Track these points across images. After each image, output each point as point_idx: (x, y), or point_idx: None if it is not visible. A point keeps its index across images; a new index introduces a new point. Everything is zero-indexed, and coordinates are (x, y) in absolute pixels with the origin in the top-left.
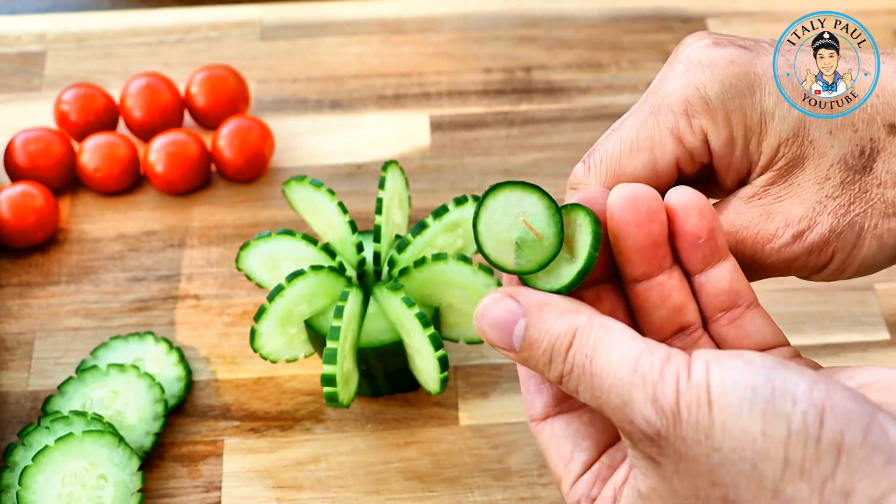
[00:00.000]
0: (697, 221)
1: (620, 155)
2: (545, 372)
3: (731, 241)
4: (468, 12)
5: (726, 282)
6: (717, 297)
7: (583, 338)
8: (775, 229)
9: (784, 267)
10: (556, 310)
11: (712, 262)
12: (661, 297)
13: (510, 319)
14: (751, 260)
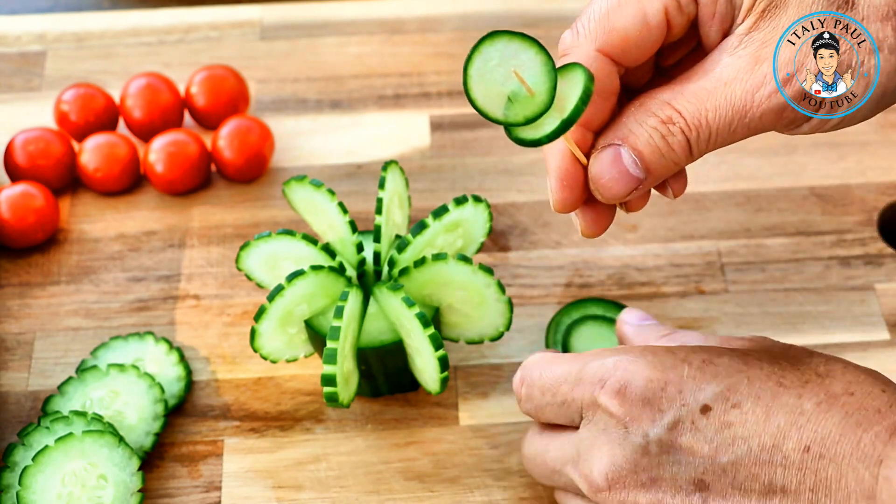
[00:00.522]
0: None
1: (609, 10)
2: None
3: (721, 95)
4: (468, 12)
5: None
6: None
7: None
8: (763, 75)
9: (774, 116)
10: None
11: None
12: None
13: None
14: (741, 112)
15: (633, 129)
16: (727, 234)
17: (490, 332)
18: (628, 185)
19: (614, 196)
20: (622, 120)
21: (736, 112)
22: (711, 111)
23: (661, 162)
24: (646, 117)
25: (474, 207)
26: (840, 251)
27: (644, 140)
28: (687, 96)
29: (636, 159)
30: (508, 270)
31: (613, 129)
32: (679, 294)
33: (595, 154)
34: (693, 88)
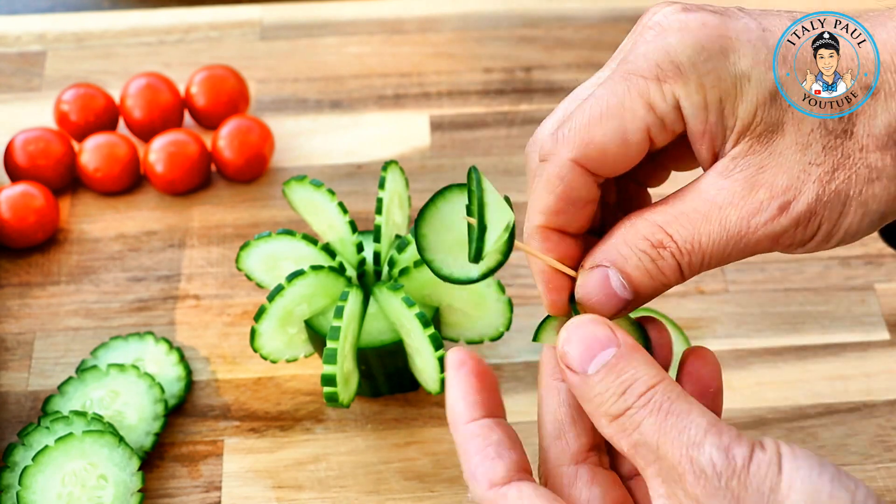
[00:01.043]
0: (707, 371)
1: (589, 122)
2: (606, 402)
3: (716, 221)
4: (468, 12)
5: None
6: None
7: (669, 385)
8: (759, 202)
9: (770, 242)
10: (648, 359)
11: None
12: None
13: (602, 343)
14: (736, 238)
15: (623, 251)
16: None
17: (490, 332)
18: (616, 306)
19: (601, 315)
20: (611, 240)
21: (731, 238)
22: (705, 236)
23: (650, 285)
24: (636, 240)
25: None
26: (840, 251)
27: (633, 264)
28: (680, 220)
29: (625, 283)
30: (508, 270)
31: (602, 250)
32: (679, 294)
33: (583, 273)
34: (686, 211)
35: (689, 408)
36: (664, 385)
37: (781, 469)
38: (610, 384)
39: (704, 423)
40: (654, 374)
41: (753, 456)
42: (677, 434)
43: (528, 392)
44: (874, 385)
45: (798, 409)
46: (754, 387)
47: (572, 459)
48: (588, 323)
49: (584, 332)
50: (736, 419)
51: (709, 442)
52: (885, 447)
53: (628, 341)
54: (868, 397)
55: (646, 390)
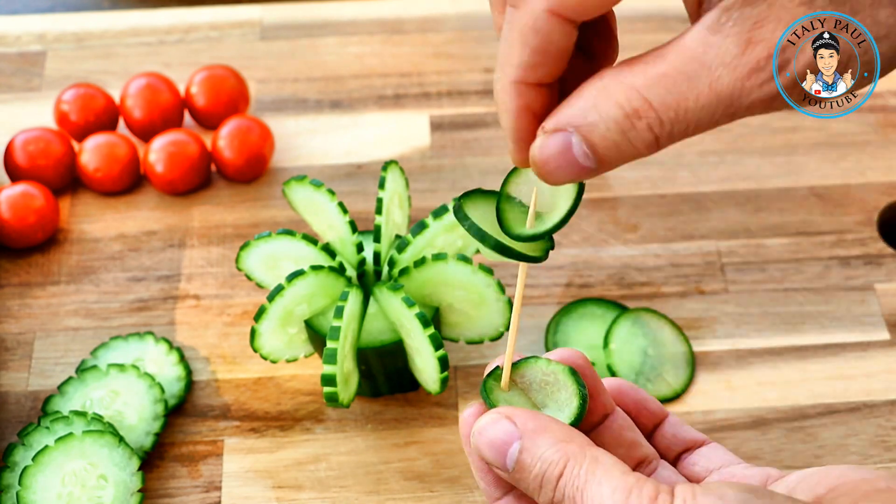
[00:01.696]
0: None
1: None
2: (535, 495)
3: (706, 83)
4: (468, 12)
5: (671, 436)
6: (668, 450)
7: (574, 468)
8: (756, 60)
9: (764, 105)
10: (551, 437)
11: (656, 422)
12: (614, 438)
13: (506, 441)
14: (727, 101)
15: (590, 118)
16: (727, 234)
17: (490, 332)
18: (575, 174)
19: (558, 182)
20: (578, 102)
21: (722, 101)
22: (692, 101)
23: (617, 156)
24: (608, 107)
25: None
26: (840, 251)
27: (601, 133)
28: (662, 83)
29: (588, 151)
30: (508, 270)
31: (566, 112)
32: (679, 294)
33: (542, 136)
34: (668, 72)
35: (600, 490)
36: (569, 470)
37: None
38: (528, 480)
39: (620, 499)
40: (558, 458)
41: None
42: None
43: None
44: (874, 385)
45: (798, 409)
46: (754, 387)
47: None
48: (488, 425)
49: (488, 434)
50: (736, 419)
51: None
52: (885, 447)
53: (528, 426)
54: (868, 397)
55: (556, 482)
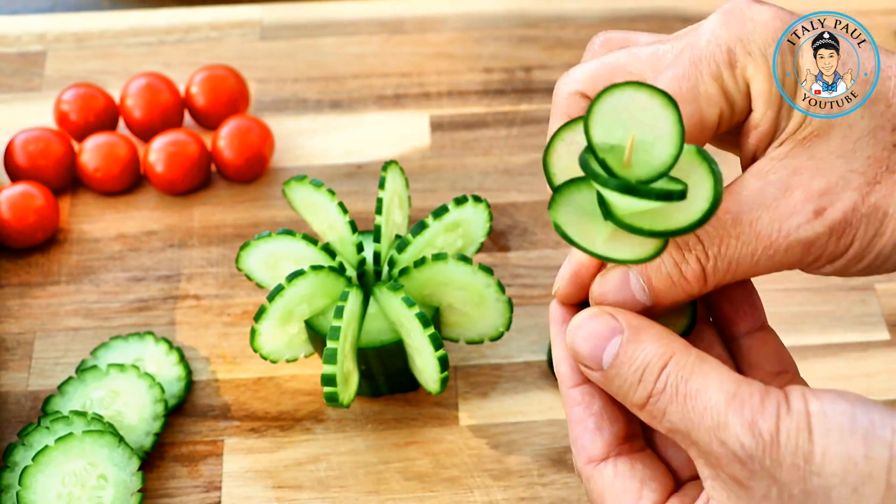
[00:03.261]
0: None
1: None
2: (629, 393)
3: (746, 223)
4: (468, 12)
5: (773, 345)
6: (766, 361)
7: (680, 360)
8: (793, 204)
9: (801, 250)
10: (655, 334)
11: (754, 325)
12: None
13: (606, 335)
14: (766, 242)
15: None
16: None
17: (490, 332)
18: (632, 310)
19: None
20: None
21: (760, 242)
22: (734, 238)
23: (671, 291)
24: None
25: (474, 207)
26: None
27: (655, 266)
28: (710, 222)
29: (644, 286)
30: (508, 270)
31: None
32: None
33: (602, 273)
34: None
35: (706, 382)
36: (675, 362)
37: (812, 434)
38: (626, 374)
39: (723, 397)
40: (662, 351)
41: (780, 425)
42: (700, 419)
43: (528, 392)
44: (874, 385)
45: None
46: None
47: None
48: (589, 318)
49: (588, 328)
50: None
51: (732, 422)
52: None
53: (633, 323)
54: (868, 397)
55: (659, 373)
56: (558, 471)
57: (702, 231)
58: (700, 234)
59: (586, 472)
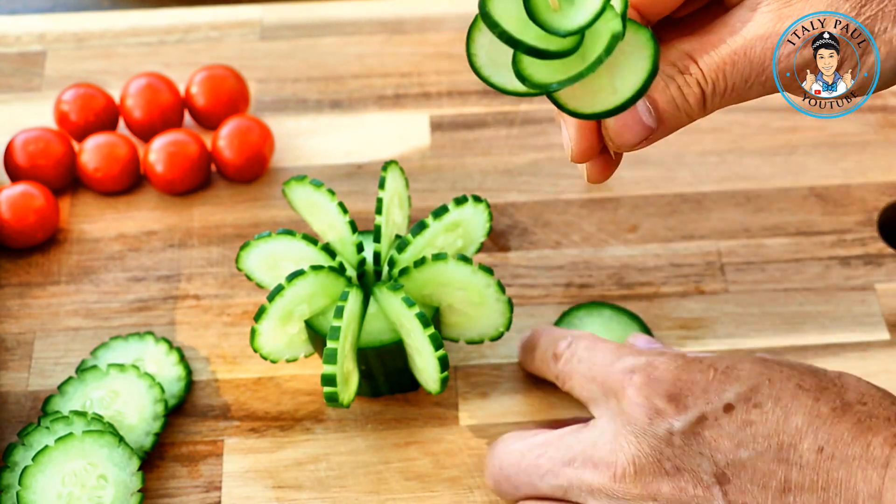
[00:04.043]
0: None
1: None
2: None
3: (741, 51)
4: (468, 12)
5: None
6: None
7: None
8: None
9: (790, 75)
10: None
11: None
12: None
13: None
14: (759, 68)
15: None
16: (727, 234)
17: (490, 332)
18: (640, 133)
19: (625, 143)
20: None
21: (754, 68)
22: (730, 65)
23: (674, 113)
24: (663, 66)
25: (474, 207)
26: (840, 251)
27: (660, 89)
28: (707, 49)
29: (650, 108)
30: (508, 270)
31: None
32: (679, 294)
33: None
34: (713, 42)
35: None
36: None
37: None
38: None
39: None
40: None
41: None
42: None
43: (529, 392)
44: None
45: None
46: None
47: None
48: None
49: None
50: None
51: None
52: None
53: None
54: None
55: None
56: None
57: (701, 58)
58: (699, 59)
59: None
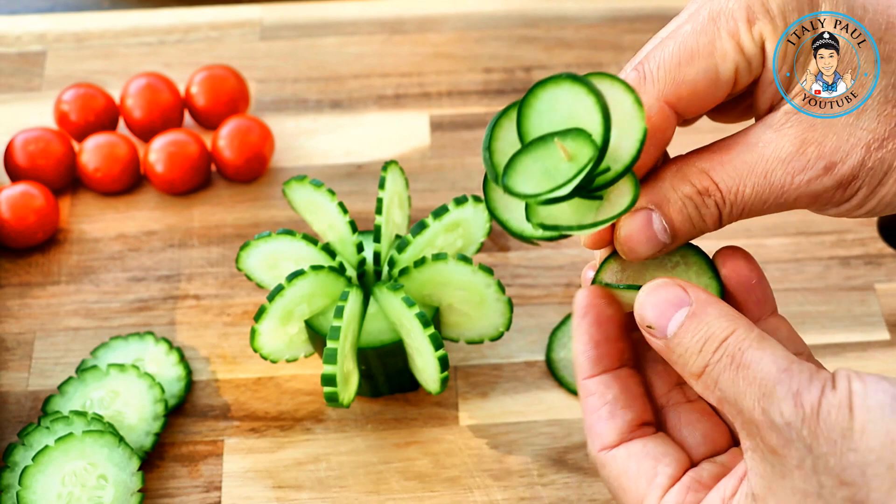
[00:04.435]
0: (746, 267)
1: (680, 62)
2: (688, 362)
3: (762, 174)
4: (468, 12)
5: (786, 330)
6: (782, 343)
7: (741, 334)
8: (806, 160)
9: (809, 199)
10: (721, 309)
11: (766, 312)
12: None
13: (675, 304)
14: (777, 192)
15: (669, 196)
16: (727, 234)
17: (490, 332)
18: (654, 248)
19: (637, 257)
20: (658, 184)
21: (773, 192)
22: (749, 187)
23: (689, 230)
24: (682, 185)
25: (474, 207)
26: (840, 251)
27: (677, 209)
28: (727, 169)
29: (666, 226)
30: (508, 270)
31: (648, 191)
32: None
33: (627, 215)
34: (732, 160)
35: (761, 355)
36: (737, 335)
37: (853, 411)
38: (688, 343)
39: (774, 369)
40: (726, 325)
41: (822, 400)
42: (749, 387)
43: (529, 392)
44: None
45: None
46: None
47: (622, 438)
48: (660, 287)
49: (657, 296)
50: None
51: (778, 391)
52: None
53: (700, 297)
54: None
55: (720, 344)
56: (558, 471)
57: (720, 177)
58: (718, 180)
59: (600, 459)
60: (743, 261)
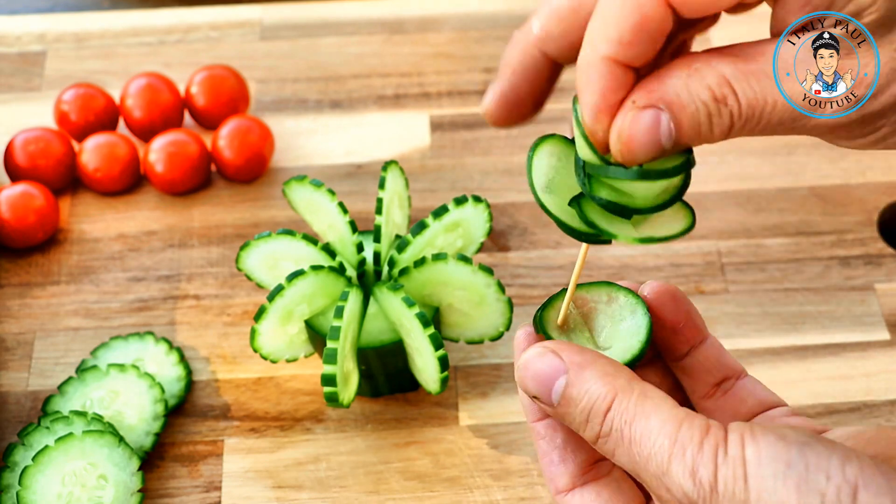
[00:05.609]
0: (674, 309)
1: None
2: (581, 430)
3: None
4: (468, 12)
5: (714, 358)
6: (708, 374)
7: (623, 402)
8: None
9: (826, 129)
10: (598, 371)
11: (695, 343)
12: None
13: (552, 375)
14: (798, 115)
15: (683, 97)
16: (727, 234)
17: (490, 332)
18: (653, 153)
19: (634, 159)
20: (671, 80)
21: (794, 115)
22: (770, 105)
23: (694, 137)
24: (699, 88)
25: (474, 207)
26: (840, 251)
27: (690, 113)
28: (749, 79)
29: (673, 130)
30: (508, 270)
31: (659, 89)
32: None
33: (633, 110)
34: (756, 72)
35: (647, 425)
36: (618, 403)
37: (747, 482)
38: (575, 414)
39: (667, 443)
40: (605, 392)
41: (718, 474)
42: (646, 464)
43: None
44: (874, 385)
45: (798, 408)
46: None
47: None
48: (535, 357)
49: (534, 367)
50: None
51: (675, 470)
52: None
53: (575, 360)
54: (868, 397)
55: (604, 416)
56: None
57: (740, 87)
58: (738, 90)
59: (559, 501)
60: (671, 302)
